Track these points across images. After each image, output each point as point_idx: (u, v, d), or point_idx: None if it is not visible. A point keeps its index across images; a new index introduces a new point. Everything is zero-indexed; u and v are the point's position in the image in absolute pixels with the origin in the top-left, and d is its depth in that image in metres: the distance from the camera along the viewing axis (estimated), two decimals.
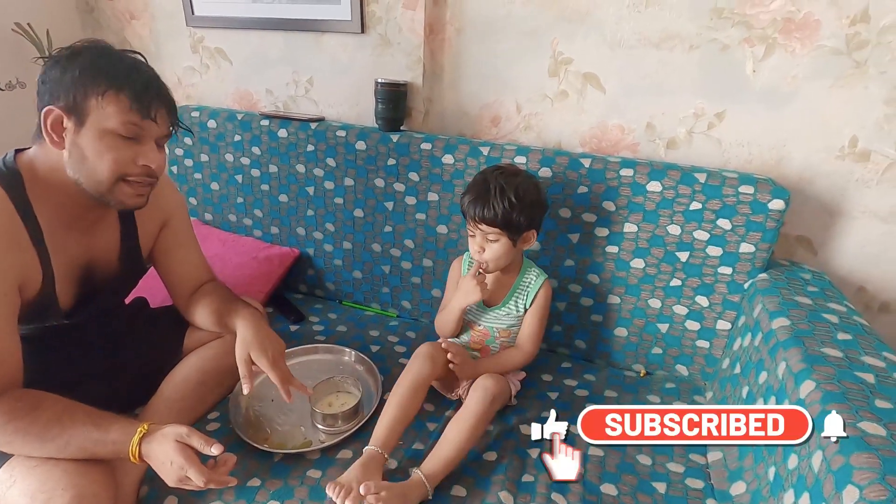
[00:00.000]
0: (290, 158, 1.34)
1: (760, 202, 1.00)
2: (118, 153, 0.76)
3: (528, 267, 1.07)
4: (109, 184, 0.78)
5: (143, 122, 0.77)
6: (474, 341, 1.09)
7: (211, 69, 1.49)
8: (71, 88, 0.73)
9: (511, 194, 0.93)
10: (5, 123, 1.47)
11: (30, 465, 0.73)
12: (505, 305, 1.06)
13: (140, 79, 0.76)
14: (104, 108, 0.74)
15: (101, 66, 0.74)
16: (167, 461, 0.73)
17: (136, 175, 0.79)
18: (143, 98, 0.75)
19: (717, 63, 1.07)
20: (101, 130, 0.75)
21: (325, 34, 1.31)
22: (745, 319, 1.01)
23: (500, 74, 1.24)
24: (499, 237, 0.96)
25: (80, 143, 0.75)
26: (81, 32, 1.64)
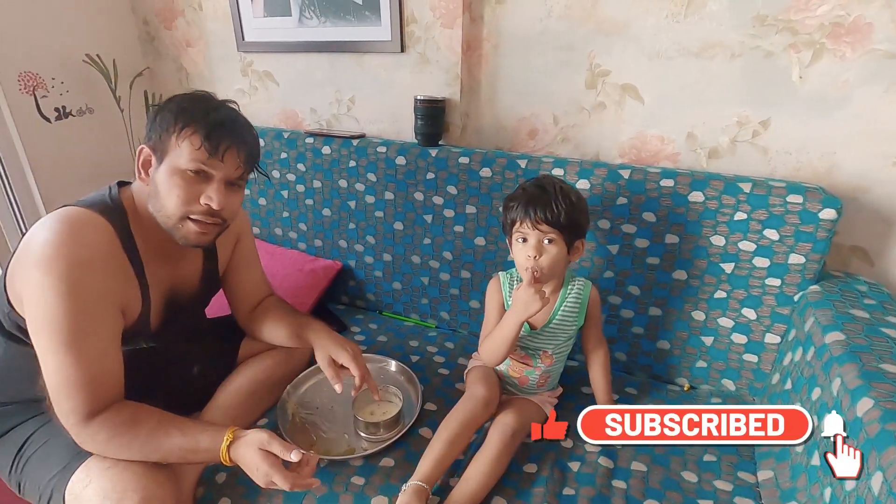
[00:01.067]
0: (333, 174, 1.40)
1: (810, 212, 0.97)
2: (184, 190, 0.79)
3: (570, 279, 1.04)
4: (176, 220, 0.81)
5: (211, 161, 0.79)
6: (513, 369, 1.06)
7: (259, 91, 1.58)
8: (158, 128, 0.79)
9: (571, 195, 0.93)
10: (78, 145, 1.60)
11: (104, 466, 0.78)
12: (550, 324, 1.02)
13: (215, 119, 0.79)
14: (179, 145, 0.78)
15: (184, 108, 0.79)
16: (253, 467, 0.77)
17: (200, 213, 0.81)
18: (213, 137, 0.78)
19: (760, 70, 1.05)
20: (174, 168, 0.78)
21: (367, 55, 1.37)
22: (795, 333, 0.98)
23: (536, 88, 1.26)
24: (557, 239, 0.93)
25: (156, 179, 0.80)
26: (143, 61, 1.76)
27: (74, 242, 0.74)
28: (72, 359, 0.73)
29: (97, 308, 0.76)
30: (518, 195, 0.96)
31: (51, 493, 0.80)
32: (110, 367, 0.79)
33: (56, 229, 0.74)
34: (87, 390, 0.75)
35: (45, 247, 0.73)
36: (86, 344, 0.74)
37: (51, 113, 1.53)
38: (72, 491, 0.78)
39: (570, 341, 1.06)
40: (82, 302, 0.74)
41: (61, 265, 0.72)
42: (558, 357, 1.05)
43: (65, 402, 0.75)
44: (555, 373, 1.07)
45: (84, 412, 0.75)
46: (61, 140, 1.56)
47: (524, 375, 1.05)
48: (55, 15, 1.50)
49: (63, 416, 0.76)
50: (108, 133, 1.66)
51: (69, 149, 1.58)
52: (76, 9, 1.55)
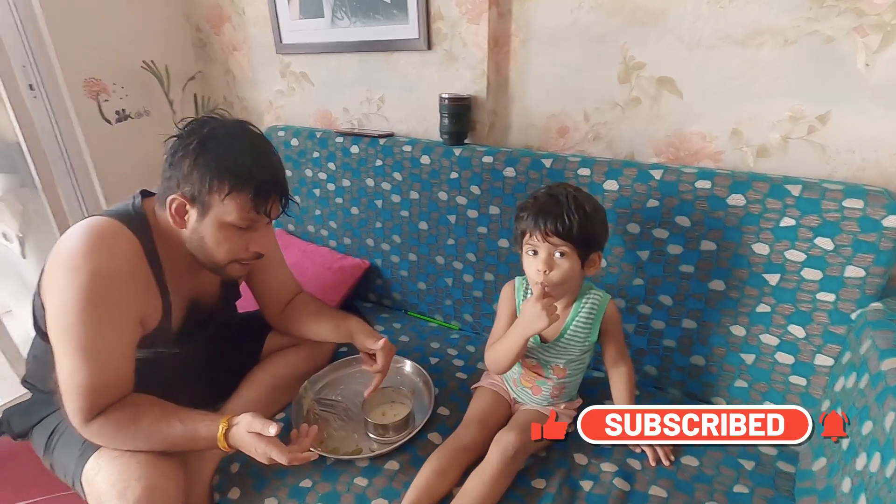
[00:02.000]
0: (361, 173, 1.41)
1: (872, 218, 0.85)
2: (233, 243, 0.83)
3: (587, 290, 0.97)
4: (223, 265, 0.86)
5: (258, 217, 0.83)
6: (525, 378, 1.01)
7: (296, 91, 1.62)
8: (197, 183, 0.78)
9: (586, 205, 0.87)
10: (135, 145, 1.73)
11: (112, 455, 0.83)
12: (562, 338, 0.96)
13: (261, 178, 0.80)
14: (226, 205, 0.79)
15: (226, 166, 0.77)
16: (252, 448, 0.81)
17: (247, 259, 0.88)
18: (260, 196, 0.81)
19: (818, 58, 0.93)
20: (221, 223, 0.81)
21: (395, 53, 1.36)
22: (850, 356, 0.86)
23: (566, 84, 1.20)
24: (569, 252, 0.87)
25: (200, 231, 0.82)
26: (196, 65, 1.87)
27: (100, 253, 0.77)
28: (84, 365, 0.77)
29: (115, 319, 0.79)
30: (528, 204, 0.90)
31: (73, 477, 0.86)
32: (120, 375, 0.83)
33: (84, 239, 0.77)
34: (94, 395, 0.79)
35: (72, 255, 0.76)
36: (99, 353, 0.78)
37: (112, 115, 1.66)
38: (86, 477, 0.83)
39: (585, 355, 0.99)
40: (101, 312, 0.76)
41: (85, 274, 0.75)
42: (572, 371, 0.99)
43: (71, 403, 0.79)
44: (570, 385, 1.02)
45: (88, 414, 0.79)
46: (121, 141, 1.69)
47: (536, 385, 1.00)
48: (117, 24, 1.62)
49: (69, 414, 0.80)
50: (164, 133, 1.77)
51: (127, 149, 1.71)
52: (136, 18, 1.67)
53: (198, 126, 0.80)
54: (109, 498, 0.78)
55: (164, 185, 0.82)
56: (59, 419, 0.92)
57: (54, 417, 0.93)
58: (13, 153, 1.59)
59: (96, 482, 0.81)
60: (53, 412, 0.94)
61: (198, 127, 0.80)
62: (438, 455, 0.89)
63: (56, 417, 0.93)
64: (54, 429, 0.92)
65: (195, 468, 0.93)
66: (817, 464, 0.83)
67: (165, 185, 0.82)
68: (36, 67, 1.50)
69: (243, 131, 0.83)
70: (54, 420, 0.93)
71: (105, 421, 0.80)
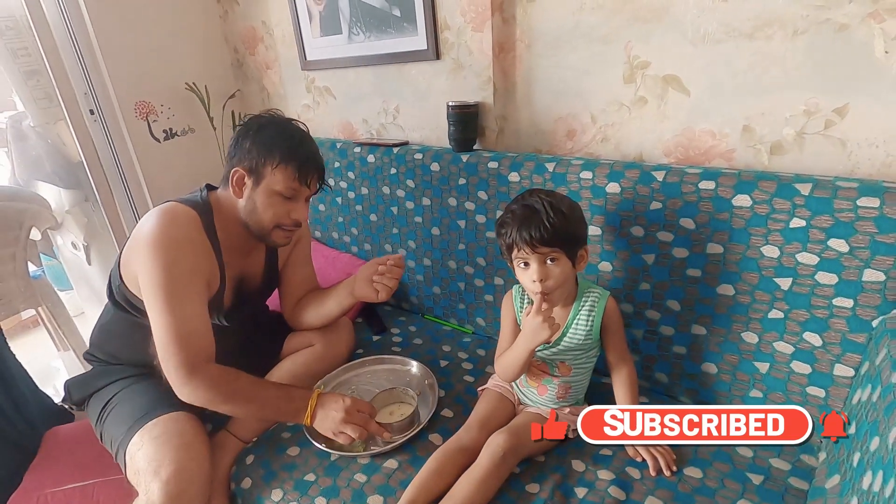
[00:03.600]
0: (378, 181, 1.46)
1: (891, 218, 0.78)
2: (279, 208, 1.00)
3: (585, 289, 0.98)
4: (269, 229, 1.02)
5: (300, 187, 1.00)
6: (531, 377, 1.01)
7: (321, 105, 1.70)
8: (255, 157, 0.97)
9: (562, 207, 0.89)
10: (182, 160, 1.88)
11: (153, 435, 0.93)
12: (564, 338, 0.97)
13: (304, 153, 1.00)
14: (275, 174, 0.97)
15: (277, 143, 0.98)
16: (328, 418, 0.97)
17: (288, 225, 1.03)
18: (303, 170, 0.99)
19: (832, 47, 0.88)
20: (271, 191, 0.98)
21: (407, 64, 1.40)
22: (868, 367, 0.80)
23: (572, 86, 1.19)
24: (559, 257, 0.89)
25: (254, 198, 1.00)
26: (235, 84, 2.00)
27: (172, 226, 0.93)
28: (172, 318, 0.90)
29: (190, 278, 0.94)
30: (507, 219, 0.91)
31: (118, 448, 0.97)
32: (202, 326, 0.95)
33: (159, 218, 0.94)
34: (187, 344, 0.91)
35: (151, 230, 0.92)
36: (182, 305, 0.92)
37: (160, 134, 1.81)
38: (130, 451, 0.94)
39: (591, 353, 0.99)
40: (178, 273, 0.92)
41: (163, 244, 0.91)
42: (578, 369, 0.98)
43: (171, 359, 0.90)
44: (576, 385, 1.01)
45: (187, 365, 0.90)
46: (168, 157, 1.84)
47: (542, 384, 1.00)
48: (163, 50, 1.77)
49: (170, 372, 0.91)
50: (206, 149, 1.92)
51: (175, 164, 1.86)
52: (180, 43, 1.82)
53: (256, 118, 1.02)
54: (146, 473, 0.88)
55: (228, 166, 1.01)
56: (120, 389, 1.05)
57: (110, 389, 1.06)
58: (78, 171, 1.78)
59: (137, 457, 0.91)
60: (109, 384, 1.07)
61: (256, 118, 1.02)
62: (437, 456, 0.92)
63: (112, 389, 1.06)
64: (109, 400, 1.04)
65: (218, 457, 1.02)
66: (831, 481, 0.78)
67: (229, 165, 1.01)
68: (94, 94, 1.67)
69: (291, 122, 1.04)
70: (110, 392, 1.06)
71: (204, 376, 0.92)
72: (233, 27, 1.90)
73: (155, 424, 0.95)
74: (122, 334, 1.08)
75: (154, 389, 1.03)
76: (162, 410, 0.97)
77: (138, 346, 1.04)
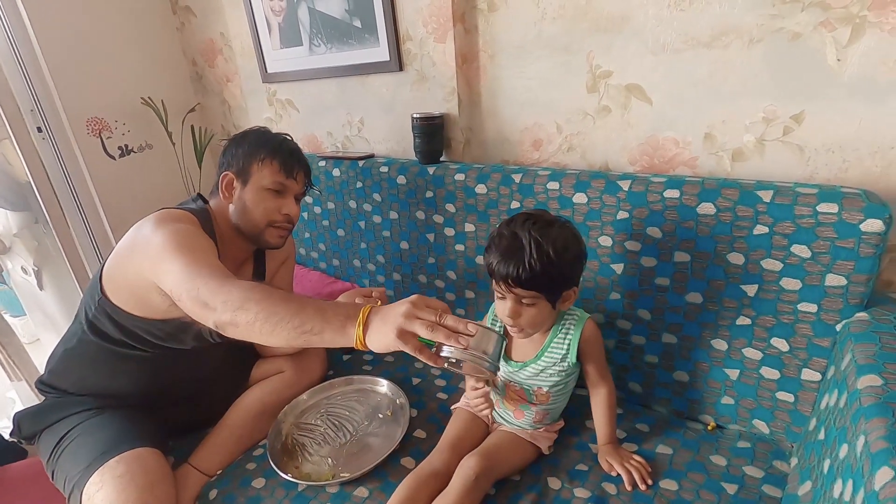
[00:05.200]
0: (344, 195, 1.42)
1: (849, 223, 0.79)
2: (268, 204, 1.01)
3: (564, 312, 0.93)
4: (261, 227, 1.02)
5: (287, 181, 1.02)
6: (508, 402, 0.98)
7: (284, 118, 1.66)
8: (241, 158, 1.01)
9: (550, 249, 0.79)
10: (139, 178, 1.81)
11: (115, 474, 0.86)
12: (539, 360, 0.93)
13: (287, 149, 1.03)
14: (262, 170, 1.00)
15: (261, 141, 1.02)
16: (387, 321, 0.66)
17: (280, 221, 1.03)
18: (288, 163, 1.01)
19: (787, 56, 0.89)
20: (259, 188, 1.00)
21: (370, 76, 1.38)
22: (833, 371, 0.80)
23: (537, 96, 1.18)
24: (536, 301, 0.83)
25: (243, 198, 1.01)
26: (195, 97, 1.94)
27: (177, 221, 0.90)
28: (188, 257, 0.81)
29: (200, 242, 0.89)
30: (492, 243, 0.84)
31: (72, 488, 0.90)
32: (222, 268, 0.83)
33: (159, 219, 0.90)
34: (210, 270, 0.79)
35: (153, 226, 0.88)
36: (196, 250, 0.84)
37: (115, 151, 1.74)
38: (87, 492, 0.87)
39: (569, 379, 0.96)
40: (188, 237, 0.87)
41: (168, 227, 0.87)
42: (556, 395, 0.96)
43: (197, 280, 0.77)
44: (554, 410, 0.99)
45: (218, 276, 0.77)
46: (124, 174, 1.76)
47: (519, 409, 0.97)
48: (116, 64, 1.70)
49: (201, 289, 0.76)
50: (165, 165, 1.85)
51: (132, 181, 1.78)
52: (135, 56, 1.75)
53: (243, 131, 1.07)
54: None
55: (218, 174, 1.03)
56: (75, 424, 0.97)
57: (66, 423, 0.98)
58: (25, 192, 1.68)
59: (95, 499, 0.84)
60: (65, 417, 0.99)
61: (243, 131, 1.06)
62: (409, 482, 0.88)
63: (68, 423, 0.98)
64: (65, 435, 0.96)
65: (179, 493, 0.96)
66: (803, 488, 0.77)
67: (218, 173, 1.03)
68: (42, 110, 1.59)
69: (272, 131, 1.08)
70: (66, 426, 0.98)
71: (237, 282, 0.77)
72: (190, 39, 1.84)
73: (118, 462, 0.88)
74: (92, 361, 1.00)
75: (117, 423, 0.97)
76: (125, 446, 0.91)
77: (108, 374, 0.99)
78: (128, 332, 0.96)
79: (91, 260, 1.77)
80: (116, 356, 0.98)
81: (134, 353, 0.98)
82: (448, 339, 0.65)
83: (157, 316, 0.94)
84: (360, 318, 0.68)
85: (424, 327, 0.65)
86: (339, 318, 0.69)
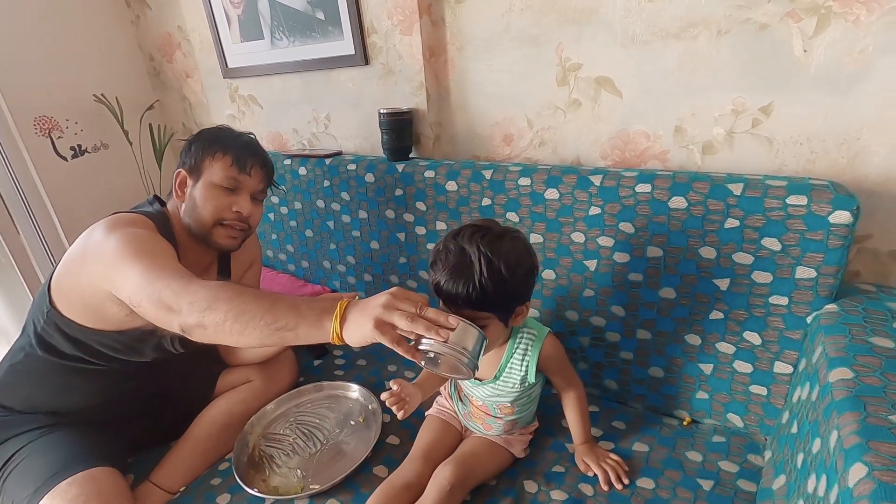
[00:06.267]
0: (311, 195, 1.37)
1: (818, 215, 0.79)
2: (218, 201, 0.94)
3: (518, 328, 0.88)
4: (209, 226, 0.95)
5: (240, 176, 0.95)
6: (475, 415, 0.95)
7: (247, 115, 1.59)
8: (193, 154, 0.95)
9: (502, 265, 0.72)
10: (96, 179, 1.72)
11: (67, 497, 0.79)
12: (499, 379, 0.89)
13: (241, 143, 0.97)
14: (213, 165, 0.94)
15: (215, 136, 0.97)
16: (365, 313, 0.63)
17: (231, 220, 0.96)
18: (241, 157, 0.95)
19: (754, 47, 0.88)
20: (209, 183, 0.94)
21: (335, 70, 1.33)
22: (805, 364, 0.80)
23: (506, 90, 1.15)
24: (487, 321, 0.76)
25: (193, 195, 0.95)
26: (153, 94, 1.85)
27: (131, 226, 0.85)
28: (146, 261, 0.76)
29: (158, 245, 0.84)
30: (437, 261, 0.76)
31: None
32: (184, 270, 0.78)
33: (111, 224, 0.84)
34: (172, 271, 0.74)
35: (105, 231, 0.83)
36: (154, 254, 0.79)
37: (67, 152, 1.65)
38: None
39: (532, 390, 0.92)
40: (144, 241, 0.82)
41: (122, 232, 0.82)
42: (521, 407, 0.93)
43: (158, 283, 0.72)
44: (523, 417, 0.96)
45: (182, 277, 0.73)
46: (79, 176, 1.67)
47: (487, 423, 0.94)
48: (65, 60, 1.61)
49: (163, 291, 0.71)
50: (123, 165, 1.76)
51: (87, 183, 1.69)
52: (86, 51, 1.66)
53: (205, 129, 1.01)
54: None
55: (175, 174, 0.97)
56: (22, 445, 0.90)
57: (13, 443, 0.91)
58: None
59: None
60: (12, 437, 0.92)
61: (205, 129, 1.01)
62: (379, 494, 0.84)
63: (15, 443, 0.91)
64: (12, 456, 0.89)
65: None
66: (777, 482, 0.77)
67: (175, 171, 0.97)
68: None
69: (234, 128, 1.02)
70: (13, 446, 0.90)
71: (205, 282, 0.72)
72: (146, 33, 1.75)
73: (70, 484, 0.82)
74: (41, 377, 0.93)
75: (69, 442, 0.90)
76: (78, 467, 0.84)
77: (60, 390, 0.93)
78: (81, 346, 0.90)
79: (44, 267, 1.68)
80: (68, 371, 0.92)
81: (88, 368, 0.92)
82: (428, 330, 0.62)
83: (112, 327, 0.88)
84: (336, 310, 0.65)
85: (404, 318, 0.62)
86: (315, 313, 0.66)
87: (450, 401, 1.01)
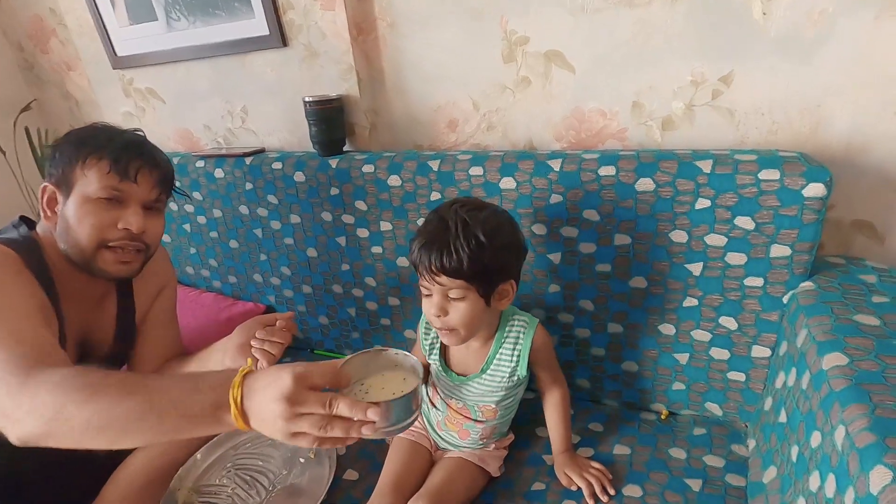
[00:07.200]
0: (232, 200, 1.19)
1: (791, 189, 0.74)
2: (97, 218, 0.75)
3: (509, 316, 0.83)
4: (91, 250, 0.76)
5: (123, 184, 0.76)
6: (451, 421, 0.86)
7: (147, 111, 1.37)
8: (59, 163, 0.76)
9: (479, 231, 0.70)
10: None
11: None
12: (484, 374, 0.82)
13: (120, 143, 0.77)
14: (86, 174, 0.75)
15: (84, 139, 0.77)
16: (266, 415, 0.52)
17: (118, 240, 0.77)
18: (121, 160, 0.75)
19: (711, 12, 0.82)
20: (84, 197, 0.75)
21: (248, 54, 1.15)
22: (787, 347, 0.76)
23: (447, 70, 1.03)
24: (465, 293, 0.72)
25: (65, 214, 0.76)
26: (27, 90, 1.56)
27: None
28: None
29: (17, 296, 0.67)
30: (418, 232, 0.75)
31: None
32: (44, 334, 0.65)
33: None
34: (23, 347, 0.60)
35: None
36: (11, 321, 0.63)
37: None
38: None
39: (517, 390, 0.86)
40: None
41: None
42: (504, 411, 0.85)
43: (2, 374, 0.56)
44: (502, 424, 0.88)
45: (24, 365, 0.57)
46: None
47: (464, 429, 0.85)
48: None
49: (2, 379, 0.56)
50: None
51: None
52: None
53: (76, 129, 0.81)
54: None
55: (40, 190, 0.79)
56: None
57: None
58: None
59: None
60: None
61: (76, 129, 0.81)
62: None
63: None
64: None
65: None
66: (767, 475, 0.72)
67: None
68: None
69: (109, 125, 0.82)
70: None
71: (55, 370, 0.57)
72: (11, 18, 1.46)
73: None
74: None
75: None
76: None
77: None
78: None
79: None
80: None
81: None
82: (347, 433, 0.53)
83: None
84: (231, 406, 0.53)
85: (315, 427, 0.52)
86: (207, 407, 0.54)
87: None
